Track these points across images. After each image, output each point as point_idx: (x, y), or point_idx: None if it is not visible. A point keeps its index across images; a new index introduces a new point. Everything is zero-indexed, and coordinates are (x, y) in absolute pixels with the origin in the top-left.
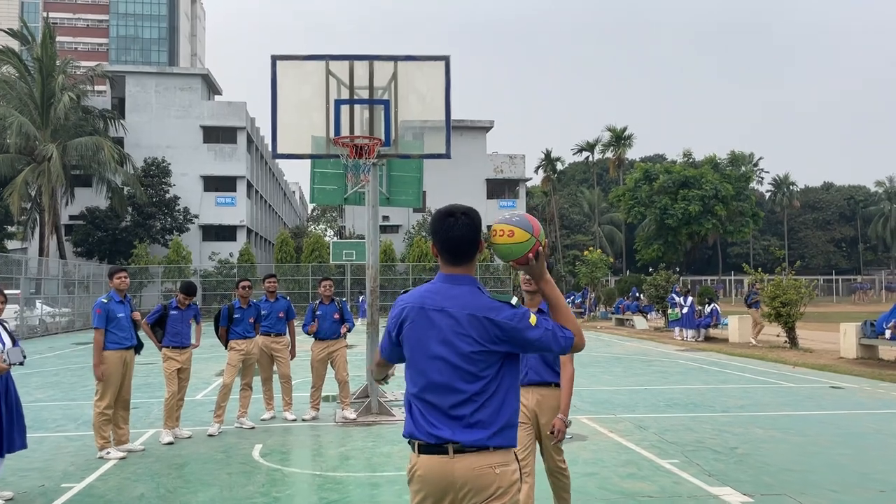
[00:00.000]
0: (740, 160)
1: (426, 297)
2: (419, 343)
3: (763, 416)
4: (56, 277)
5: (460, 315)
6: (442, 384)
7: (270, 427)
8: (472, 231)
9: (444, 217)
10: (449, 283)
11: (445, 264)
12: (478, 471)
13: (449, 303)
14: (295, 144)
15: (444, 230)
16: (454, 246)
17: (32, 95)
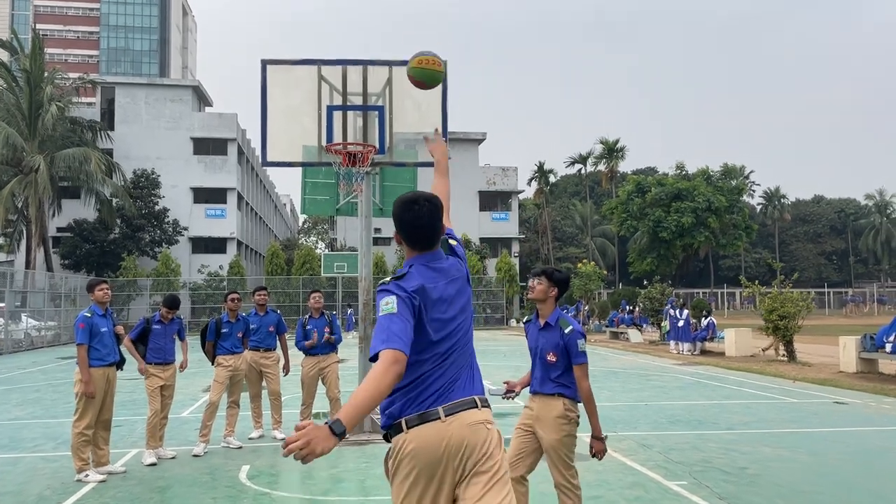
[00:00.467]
0: (732, 173)
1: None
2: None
3: (769, 434)
4: (42, 290)
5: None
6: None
7: (259, 447)
8: (437, 217)
9: (410, 204)
10: (433, 259)
11: (414, 250)
12: (473, 426)
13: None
14: (285, 152)
15: (410, 218)
16: (424, 233)
17: (20, 106)
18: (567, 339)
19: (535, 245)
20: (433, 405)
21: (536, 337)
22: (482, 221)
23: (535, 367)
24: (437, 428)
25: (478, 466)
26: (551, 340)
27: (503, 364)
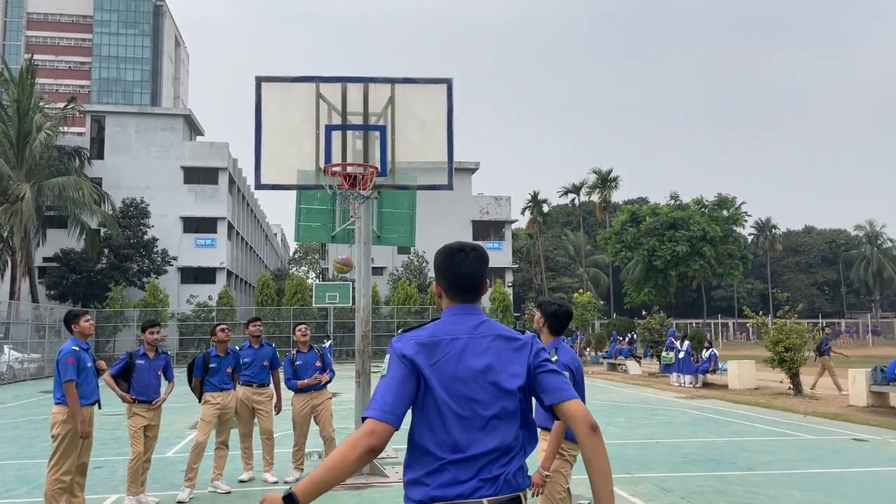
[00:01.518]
0: (726, 203)
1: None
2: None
3: (795, 475)
4: (26, 321)
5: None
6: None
7: (249, 490)
8: (483, 266)
9: (455, 252)
10: (466, 317)
11: (455, 301)
12: None
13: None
14: (281, 174)
15: (455, 265)
16: (468, 280)
17: (8, 134)
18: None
19: (529, 275)
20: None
21: None
22: None
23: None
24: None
25: None
26: None
27: None
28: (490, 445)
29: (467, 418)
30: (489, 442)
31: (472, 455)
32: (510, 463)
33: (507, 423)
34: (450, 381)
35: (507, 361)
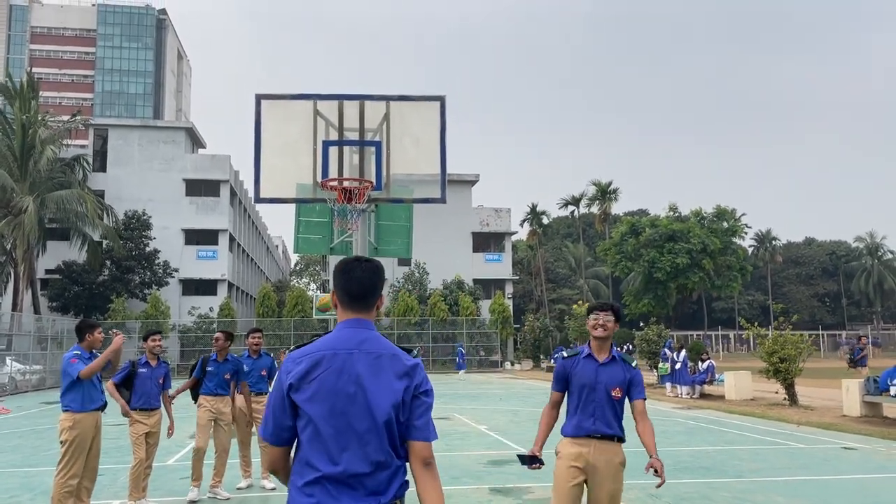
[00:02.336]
0: (725, 215)
1: (334, 344)
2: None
3: (781, 482)
4: (29, 333)
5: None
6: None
7: (247, 497)
8: (375, 276)
9: (349, 262)
10: (355, 330)
11: (347, 312)
12: None
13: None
14: (279, 188)
15: (347, 272)
16: (357, 287)
17: (11, 147)
18: (634, 373)
19: (529, 286)
20: None
21: (596, 373)
22: (475, 263)
23: (588, 406)
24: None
25: None
26: (614, 376)
27: (498, 408)
28: (362, 460)
29: (341, 432)
30: (362, 457)
31: (344, 469)
32: (384, 481)
33: (379, 440)
34: (326, 395)
35: (384, 380)
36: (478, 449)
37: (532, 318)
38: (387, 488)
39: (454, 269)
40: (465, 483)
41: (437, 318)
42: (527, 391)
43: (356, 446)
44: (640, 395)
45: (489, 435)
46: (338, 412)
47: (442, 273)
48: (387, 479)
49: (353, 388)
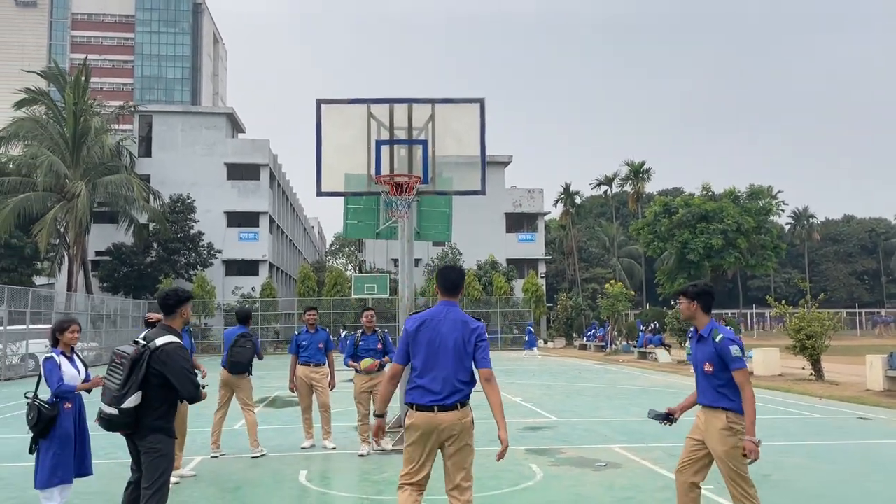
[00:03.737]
0: (759, 193)
1: (435, 314)
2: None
3: (793, 446)
4: (84, 312)
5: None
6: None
7: (311, 455)
8: (460, 277)
9: (445, 268)
10: (447, 307)
11: (443, 295)
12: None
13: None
14: (338, 183)
15: (443, 275)
16: (449, 284)
17: (63, 135)
18: (719, 347)
19: (562, 266)
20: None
21: (695, 350)
22: (509, 243)
23: (698, 380)
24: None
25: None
26: (706, 351)
27: (532, 382)
28: (440, 378)
29: (436, 364)
30: (440, 377)
31: (429, 382)
32: (458, 393)
33: (452, 367)
34: (430, 339)
35: (463, 334)
36: (514, 417)
37: (565, 297)
38: (450, 396)
39: (488, 249)
40: None
41: (471, 298)
42: (560, 368)
43: (437, 370)
44: (734, 366)
45: (524, 405)
46: (431, 350)
47: (476, 253)
48: (452, 391)
49: (440, 337)
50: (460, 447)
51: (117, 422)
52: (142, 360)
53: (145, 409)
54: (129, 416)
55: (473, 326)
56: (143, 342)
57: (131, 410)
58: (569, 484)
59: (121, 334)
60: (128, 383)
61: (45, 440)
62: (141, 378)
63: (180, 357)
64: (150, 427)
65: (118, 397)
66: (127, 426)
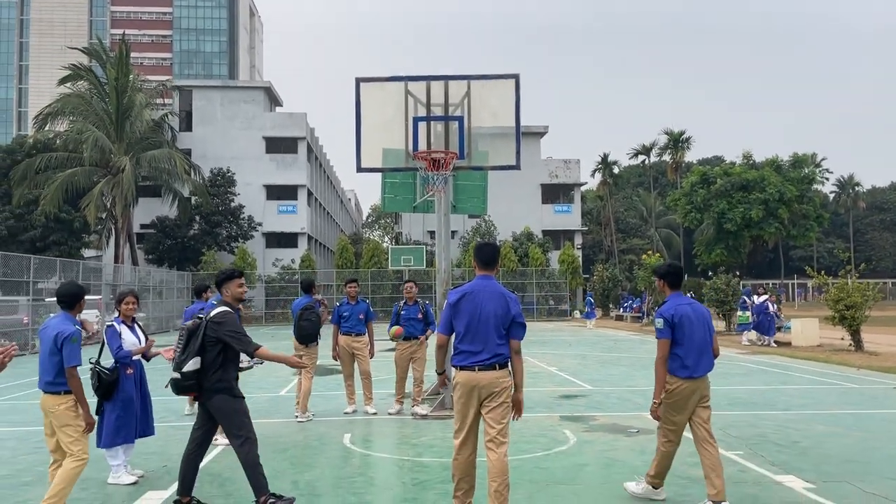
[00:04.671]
0: (803, 162)
1: (474, 287)
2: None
3: (825, 414)
4: (130, 284)
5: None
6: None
7: (354, 419)
8: (495, 252)
9: (481, 244)
10: (485, 280)
11: (480, 270)
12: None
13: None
14: (376, 159)
15: (480, 250)
16: (485, 259)
17: (107, 111)
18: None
19: (599, 237)
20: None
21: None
22: (545, 214)
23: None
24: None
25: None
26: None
27: (567, 353)
28: (480, 346)
29: (476, 331)
30: (480, 345)
31: (471, 349)
32: (496, 356)
33: (490, 336)
34: (471, 310)
35: (500, 305)
36: (549, 386)
37: (601, 268)
38: (490, 359)
39: (523, 220)
40: (539, 412)
41: (507, 269)
42: (595, 338)
43: (478, 336)
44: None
45: (559, 375)
46: (473, 319)
47: (511, 225)
48: (491, 354)
49: (481, 308)
50: (498, 404)
51: (182, 384)
52: (198, 330)
53: (204, 373)
54: (190, 379)
55: (512, 301)
56: (201, 316)
57: (191, 374)
58: (601, 449)
59: (165, 305)
60: (186, 350)
61: (109, 403)
62: (198, 346)
63: (230, 321)
64: (212, 389)
65: (179, 362)
66: (191, 388)
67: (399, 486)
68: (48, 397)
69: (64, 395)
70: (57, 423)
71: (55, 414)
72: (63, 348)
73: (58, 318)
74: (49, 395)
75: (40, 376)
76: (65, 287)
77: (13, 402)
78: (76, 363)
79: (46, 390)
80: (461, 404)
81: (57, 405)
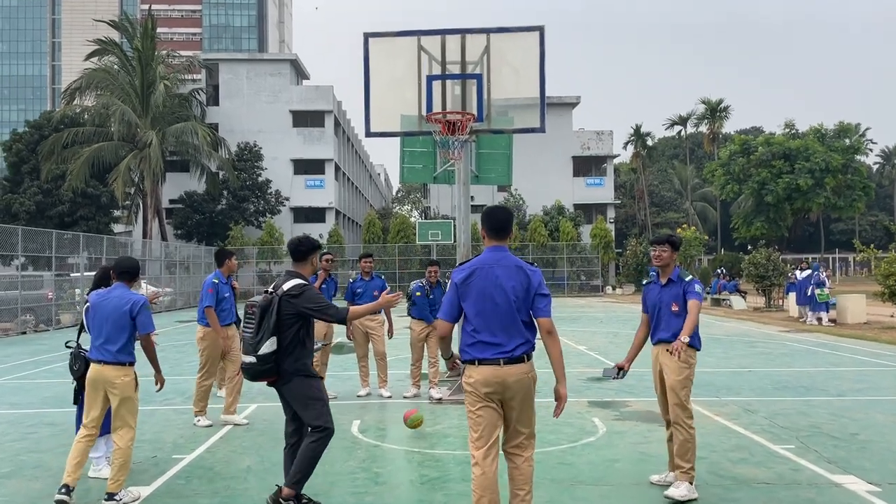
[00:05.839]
0: (847, 131)
1: (484, 261)
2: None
3: (883, 401)
4: (159, 259)
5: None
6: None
7: (367, 403)
8: (508, 217)
9: (492, 209)
10: (496, 252)
11: (491, 239)
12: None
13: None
14: (387, 122)
15: (491, 216)
16: (497, 225)
17: (133, 84)
18: (687, 286)
19: (632, 211)
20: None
21: (660, 293)
22: (576, 187)
23: (658, 321)
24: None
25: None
26: (673, 293)
27: (599, 330)
28: (500, 331)
29: (493, 315)
30: (499, 328)
31: (495, 335)
32: (524, 344)
33: (511, 317)
34: (482, 289)
35: (520, 280)
36: (577, 367)
37: (635, 242)
38: (517, 348)
39: (554, 194)
40: None
41: (537, 244)
42: (628, 315)
43: (497, 321)
44: (691, 298)
45: (588, 354)
46: (487, 301)
47: (542, 199)
48: (518, 342)
49: (495, 286)
50: (527, 404)
51: (258, 369)
52: (271, 306)
53: (282, 355)
54: (267, 362)
55: (532, 272)
56: (271, 290)
57: (268, 356)
58: (633, 441)
59: (193, 280)
60: (260, 330)
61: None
62: (273, 324)
63: (308, 294)
64: (290, 371)
65: (253, 345)
66: (268, 373)
67: (405, 486)
68: (111, 368)
69: (128, 367)
70: (120, 395)
71: (119, 385)
72: (138, 316)
73: (119, 289)
74: (112, 365)
75: (100, 348)
76: (125, 261)
77: (21, 381)
78: (152, 329)
79: (111, 361)
80: (482, 408)
81: (122, 376)
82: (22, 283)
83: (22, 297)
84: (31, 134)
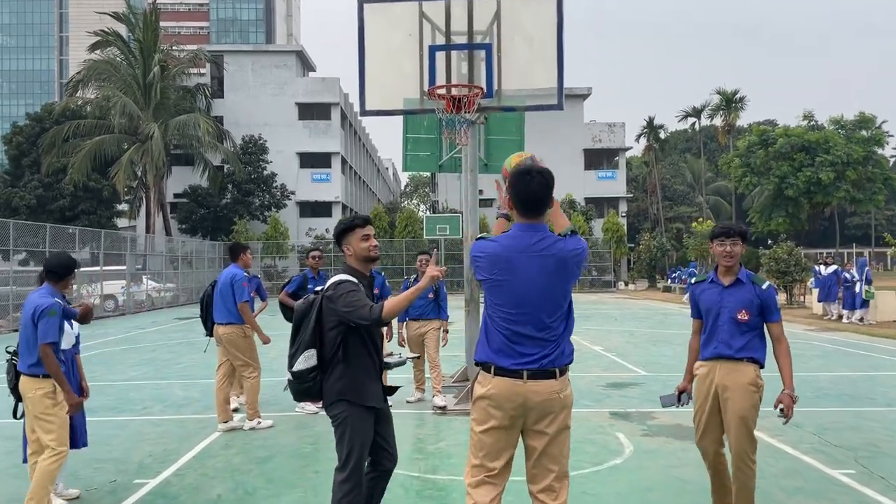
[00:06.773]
0: (867, 123)
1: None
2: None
3: None
4: (162, 254)
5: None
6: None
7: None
8: (545, 188)
9: (523, 174)
10: (528, 232)
11: (522, 217)
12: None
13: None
14: (385, 99)
15: (522, 184)
16: (531, 199)
17: (136, 76)
18: (765, 294)
19: (644, 204)
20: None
21: (721, 295)
22: (587, 180)
23: (715, 331)
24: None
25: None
26: (741, 298)
27: (614, 328)
28: (534, 323)
29: (519, 314)
30: (533, 320)
31: (521, 327)
32: (559, 354)
33: (559, 321)
34: (505, 287)
35: (558, 271)
36: (595, 371)
37: (647, 236)
38: (547, 360)
39: (565, 187)
40: (585, 406)
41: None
42: (643, 311)
43: (524, 326)
44: (775, 318)
45: (606, 356)
46: (516, 296)
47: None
48: (550, 355)
49: (519, 285)
50: (559, 431)
51: (295, 388)
52: (311, 310)
53: (325, 370)
54: (304, 380)
55: (573, 251)
56: (317, 290)
57: (306, 372)
58: (667, 463)
59: (197, 275)
60: (296, 341)
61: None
62: (311, 332)
63: (342, 293)
64: (332, 391)
65: (289, 358)
66: (308, 393)
67: None
68: (25, 380)
69: (42, 380)
70: (32, 411)
71: (30, 399)
72: (39, 321)
73: (38, 291)
74: (27, 377)
75: (21, 356)
76: (54, 258)
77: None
78: (51, 340)
79: (25, 372)
80: (495, 430)
81: (34, 389)
82: (14, 279)
83: (14, 293)
84: (31, 127)
